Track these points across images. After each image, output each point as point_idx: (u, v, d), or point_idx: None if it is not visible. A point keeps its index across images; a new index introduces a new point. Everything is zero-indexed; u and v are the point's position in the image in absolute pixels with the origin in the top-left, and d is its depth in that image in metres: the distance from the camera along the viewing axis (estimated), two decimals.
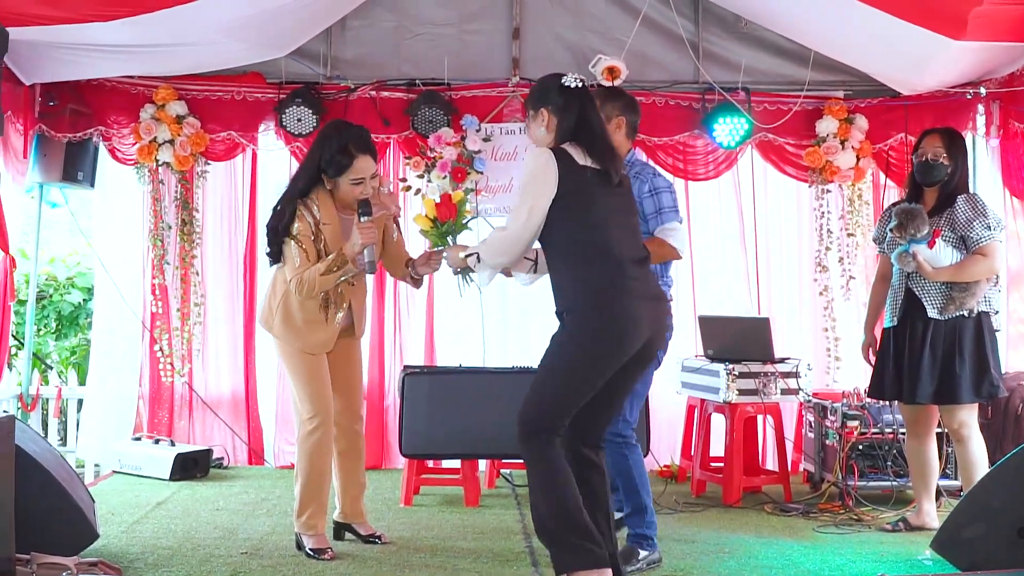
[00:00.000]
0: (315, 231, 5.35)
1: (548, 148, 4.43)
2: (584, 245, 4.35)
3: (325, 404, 5.48)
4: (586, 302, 4.33)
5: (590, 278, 4.33)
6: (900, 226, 5.74)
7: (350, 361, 5.71)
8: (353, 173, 5.33)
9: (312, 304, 5.42)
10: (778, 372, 6.98)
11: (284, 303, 5.46)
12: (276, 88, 7.94)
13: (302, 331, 5.46)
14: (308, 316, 5.44)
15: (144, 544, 5.66)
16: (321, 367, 5.50)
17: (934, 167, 5.91)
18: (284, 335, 5.49)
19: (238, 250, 8.20)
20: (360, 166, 5.34)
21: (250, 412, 8.13)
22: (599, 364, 4.32)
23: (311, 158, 5.46)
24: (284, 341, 5.50)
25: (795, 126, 8.06)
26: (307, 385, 5.46)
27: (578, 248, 4.35)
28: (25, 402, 7.97)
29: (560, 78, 4.56)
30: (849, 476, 6.68)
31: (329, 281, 5.31)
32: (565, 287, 4.38)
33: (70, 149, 7.71)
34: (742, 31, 8.13)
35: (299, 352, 5.47)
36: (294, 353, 5.48)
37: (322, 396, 5.47)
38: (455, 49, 8.05)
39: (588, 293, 4.33)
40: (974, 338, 5.82)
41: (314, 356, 5.48)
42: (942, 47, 6.79)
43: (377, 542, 5.72)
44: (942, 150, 5.90)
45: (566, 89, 4.55)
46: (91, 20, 6.32)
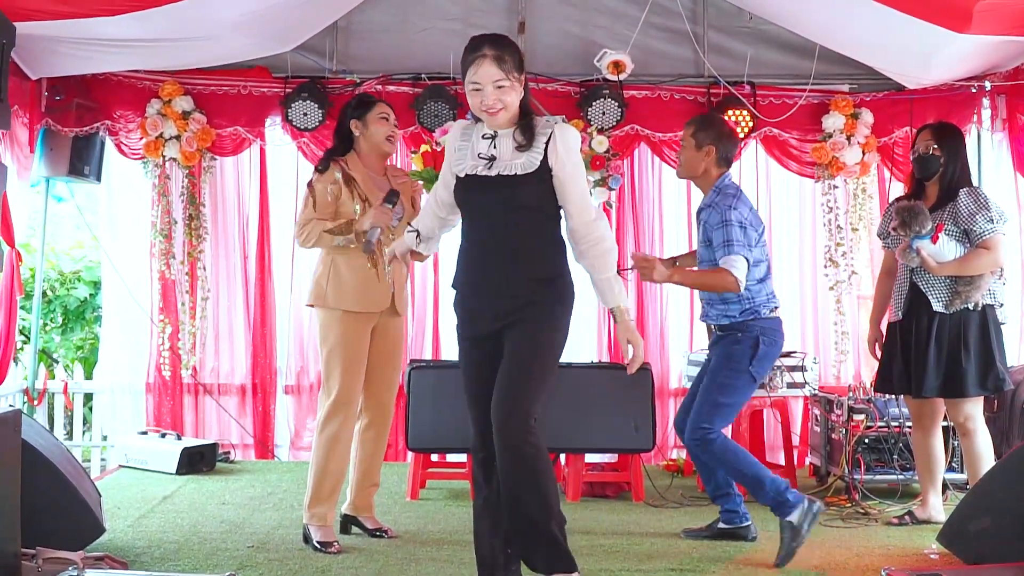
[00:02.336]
0: (338, 189, 5.58)
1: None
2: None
3: (354, 392, 5.53)
4: (566, 270, 4.26)
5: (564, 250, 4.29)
6: (903, 224, 5.75)
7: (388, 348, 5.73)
8: (378, 110, 5.72)
9: (361, 261, 5.48)
10: (784, 366, 6.98)
11: (333, 268, 5.55)
12: (282, 82, 7.93)
13: (355, 290, 5.51)
14: (359, 274, 5.51)
15: (151, 538, 5.68)
16: (361, 350, 5.55)
17: (927, 160, 5.98)
18: (335, 299, 5.52)
19: (248, 244, 8.21)
20: (383, 106, 5.78)
21: (257, 407, 8.14)
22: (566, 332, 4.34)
23: (339, 122, 5.85)
24: (334, 311, 5.51)
25: (800, 120, 8.05)
26: (341, 364, 5.49)
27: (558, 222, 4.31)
28: (31, 396, 7.99)
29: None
30: (855, 470, 6.68)
31: (326, 240, 5.51)
32: (550, 253, 4.19)
33: (76, 143, 7.72)
34: (747, 25, 8.12)
35: (344, 328, 5.49)
36: (340, 330, 5.50)
37: (353, 384, 5.52)
38: (461, 43, 7.84)
39: (565, 262, 4.28)
40: (979, 331, 5.83)
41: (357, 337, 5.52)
42: (947, 41, 6.77)
43: (384, 536, 5.74)
44: (932, 142, 5.97)
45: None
46: (97, 15, 6.31)
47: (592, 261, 4.16)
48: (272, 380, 8.20)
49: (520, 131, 4.13)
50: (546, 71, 7.98)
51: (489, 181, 4.13)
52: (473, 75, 4.07)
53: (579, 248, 4.17)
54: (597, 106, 7.76)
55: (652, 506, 6.70)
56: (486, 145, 4.18)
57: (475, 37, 4.23)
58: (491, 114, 4.09)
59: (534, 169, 4.08)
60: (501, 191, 4.10)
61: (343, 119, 5.77)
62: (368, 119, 5.66)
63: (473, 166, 4.17)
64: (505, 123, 4.15)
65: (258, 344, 8.17)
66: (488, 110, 4.09)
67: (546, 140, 4.10)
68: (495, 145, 4.16)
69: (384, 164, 5.80)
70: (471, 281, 4.23)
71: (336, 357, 5.50)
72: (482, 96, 4.07)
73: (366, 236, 5.28)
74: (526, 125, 4.14)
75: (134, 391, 8.13)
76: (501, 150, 4.15)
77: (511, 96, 4.08)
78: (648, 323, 8.09)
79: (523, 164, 4.09)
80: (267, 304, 8.15)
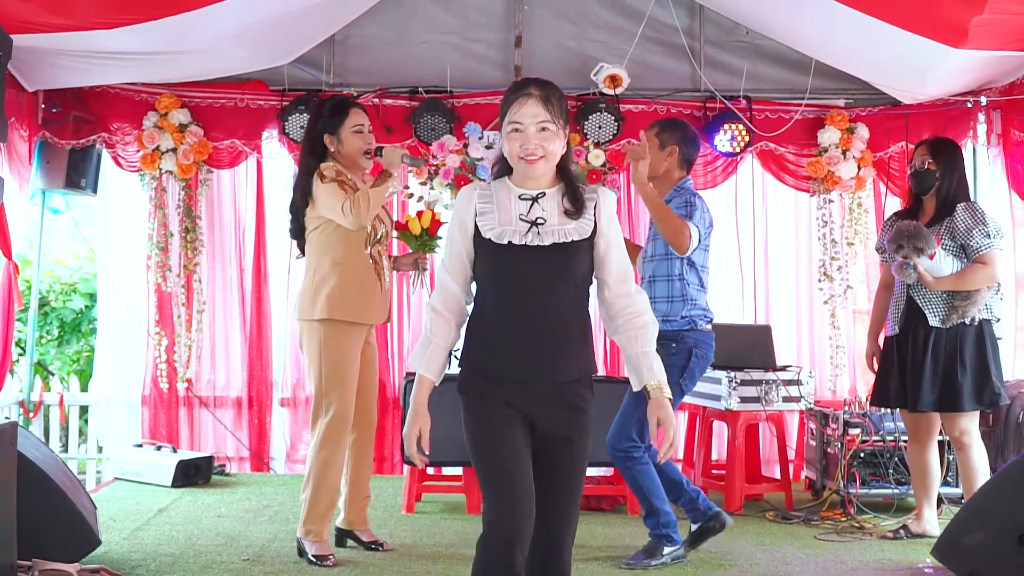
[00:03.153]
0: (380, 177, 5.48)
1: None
2: None
3: (352, 407, 5.52)
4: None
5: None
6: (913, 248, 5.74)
7: (367, 360, 5.71)
8: (351, 121, 5.55)
9: (369, 273, 5.48)
10: (780, 380, 6.99)
11: (345, 279, 5.46)
12: (279, 95, 7.94)
13: (364, 302, 5.50)
14: (369, 286, 5.50)
15: (146, 551, 5.67)
16: (356, 364, 5.53)
17: (923, 175, 6.01)
18: (348, 313, 5.46)
19: (244, 257, 8.21)
20: (355, 115, 5.58)
21: (252, 419, 8.14)
22: None
23: (308, 134, 5.66)
24: (339, 323, 5.46)
25: (796, 135, 8.07)
26: (341, 377, 5.47)
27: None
28: (27, 409, 7.98)
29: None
30: (850, 484, 6.68)
31: (380, 194, 5.38)
32: (589, 333, 3.69)
33: (73, 156, 7.72)
34: (743, 40, 8.14)
35: (346, 342, 5.47)
36: (341, 344, 5.47)
37: (352, 400, 5.51)
38: (458, 57, 8.06)
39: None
40: (975, 346, 5.85)
41: (354, 351, 5.50)
42: (943, 56, 6.80)
43: (379, 549, 5.73)
44: (929, 157, 6.01)
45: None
46: (94, 28, 6.32)
47: (630, 334, 3.59)
48: (268, 393, 8.19)
49: (569, 197, 3.57)
50: None
51: (541, 250, 3.51)
52: (515, 114, 3.49)
53: (615, 323, 3.63)
54: (593, 120, 7.78)
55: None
56: (526, 207, 3.56)
57: (522, 79, 3.86)
58: (530, 161, 3.49)
59: (587, 236, 3.55)
60: (554, 260, 3.52)
61: (313, 129, 5.63)
62: (342, 134, 5.54)
63: (515, 231, 3.52)
64: (544, 178, 3.58)
65: (254, 357, 8.16)
66: (528, 156, 3.49)
67: (594, 205, 3.58)
68: (542, 207, 3.57)
69: (362, 172, 5.68)
70: (501, 363, 3.53)
71: (336, 370, 5.47)
72: (523, 139, 3.48)
73: (405, 162, 5.46)
74: (574, 190, 3.59)
75: (130, 403, 8.12)
76: (548, 213, 3.56)
77: (555, 144, 3.52)
78: None
79: (577, 230, 3.54)
80: (263, 317, 8.15)
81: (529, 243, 3.50)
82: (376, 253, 5.55)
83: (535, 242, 3.50)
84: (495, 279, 3.57)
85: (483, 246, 3.55)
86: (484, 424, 3.62)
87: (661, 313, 5.55)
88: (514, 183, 3.61)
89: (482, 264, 3.57)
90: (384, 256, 5.62)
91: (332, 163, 5.50)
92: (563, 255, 3.53)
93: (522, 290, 3.52)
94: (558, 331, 3.52)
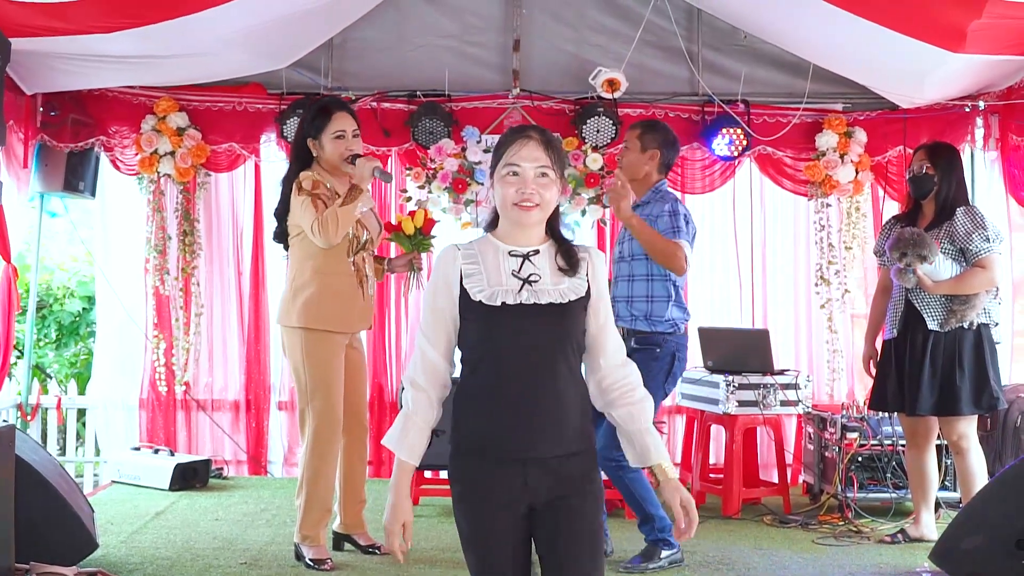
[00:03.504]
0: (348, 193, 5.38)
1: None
2: None
3: (339, 411, 5.51)
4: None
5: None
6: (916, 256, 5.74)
7: (355, 365, 5.71)
8: (332, 127, 5.48)
9: (351, 281, 5.46)
10: (778, 384, 6.99)
11: (326, 287, 5.45)
12: (277, 99, 7.95)
13: (346, 311, 5.48)
14: (350, 294, 5.48)
15: (143, 554, 5.67)
16: (340, 370, 5.52)
17: (921, 179, 6.02)
18: (328, 321, 5.45)
19: (243, 260, 8.21)
20: (338, 120, 5.49)
21: (250, 423, 8.14)
22: None
23: (295, 138, 5.67)
24: (321, 331, 5.45)
25: (794, 139, 8.07)
26: (326, 383, 5.46)
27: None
28: (25, 412, 7.97)
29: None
30: (848, 488, 6.68)
31: (348, 213, 5.29)
32: (587, 400, 3.34)
33: (71, 159, 7.71)
34: (741, 44, 8.15)
35: (327, 349, 5.46)
36: (323, 351, 5.46)
37: (339, 403, 5.50)
38: (456, 61, 8.06)
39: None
40: (974, 350, 5.85)
41: (336, 357, 5.49)
42: (941, 60, 6.81)
43: (376, 552, 5.73)
44: (927, 162, 6.01)
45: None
46: (93, 31, 6.33)
47: (629, 410, 3.27)
48: (266, 396, 8.18)
49: (563, 254, 3.26)
50: (541, 89, 8.01)
51: (535, 310, 3.18)
52: (513, 156, 3.20)
53: (609, 395, 3.29)
54: (591, 124, 7.78)
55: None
56: (517, 263, 3.24)
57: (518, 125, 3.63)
58: (525, 208, 3.19)
59: (582, 295, 3.24)
60: (550, 321, 3.20)
61: (300, 133, 5.62)
62: (323, 139, 5.51)
63: (507, 291, 3.19)
64: (534, 231, 3.28)
65: (252, 360, 8.16)
66: (523, 202, 3.18)
67: (586, 265, 3.28)
68: (534, 265, 3.24)
69: (348, 177, 5.58)
70: (496, 436, 3.16)
71: (320, 377, 5.46)
72: (520, 183, 3.18)
73: (375, 175, 5.36)
74: (568, 247, 3.28)
75: (127, 406, 8.12)
76: (541, 271, 3.24)
77: (551, 193, 3.23)
78: None
79: (573, 289, 3.23)
80: (261, 320, 8.14)
81: (524, 302, 3.17)
82: (359, 260, 5.53)
83: (531, 300, 3.17)
84: (485, 344, 3.21)
85: (472, 310, 3.19)
86: (477, 528, 3.24)
87: (642, 312, 5.60)
88: (501, 239, 3.28)
89: (470, 329, 3.22)
90: (368, 263, 5.59)
91: (311, 172, 5.47)
92: (560, 316, 3.21)
93: (516, 355, 3.18)
94: (557, 399, 3.16)
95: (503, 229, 3.29)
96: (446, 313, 3.24)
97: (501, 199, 3.23)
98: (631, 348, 5.56)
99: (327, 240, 5.30)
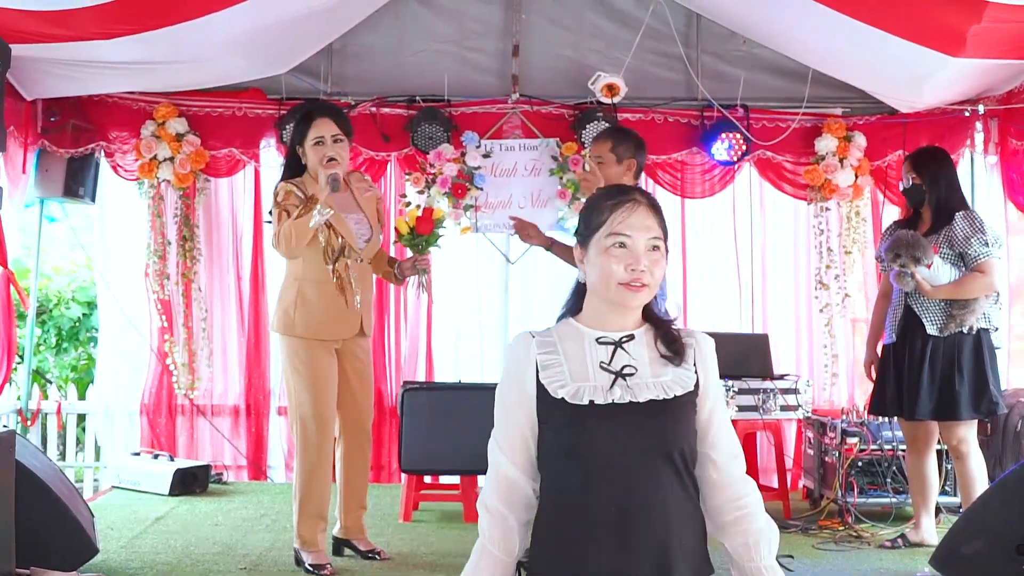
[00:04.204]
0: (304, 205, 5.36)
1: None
2: None
3: (325, 415, 5.49)
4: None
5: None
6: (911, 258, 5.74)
7: (357, 373, 5.70)
8: (312, 133, 5.46)
9: (329, 288, 5.44)
10: (778, 388, 6.99)
11: (300, 294, 5.47)
12: (277, 104, 7.94)
13: (322, 318, 5.46)
14: (327, 302, 5.45)
15: (143, 559, 5.67)
16: (330, 374, 5.51)
17: (910, 192, 6.10)
18: (303, 328, 5.46)
19: (242, 265, 8.21)
20: (317, 126, 5.46)
21: (250, 428, 8.13)
22: None
23: (289, 144, 5.70)
24: (300, 338, 5.46)
25: (793, 143, 8.07)
26: (311, 388, 5.45)
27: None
28: (25, 417, 7.97)
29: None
30: (848, 492, 6.68)
31: (303, 224, 5.27)
32: (702, 528, 2.76)
33: (71, 164, 7.71)
34: (740, 49, 8.15)
35: (311, 355, 5.45)
36: (306, 356, 5.46)
37: (323, 408, 5.48)
38: (455, 66, 8.06)
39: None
40: (973, 355, 5.84)
41: (325, 362, 5.48)
42: (940, 64, 6.81)
43: (376, 558, 5.72)
44: (912, 173, 6.04)
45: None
46: (93, 38, 6.33)
47: (746, 540, 2.70)
48: (265, 401, 8.18)
49: (664, 340, 2.70)
50: (540, 94, 8.01)
51: (631, 410, 2.59)
52: (621, 224, 2.64)
53: (721, 518, 2.71)
54: (591, 129, 7.76)
55: None
56: (607, 353, 2.66)
57: (616, 185, 2.93)
58: (634, 289, 2.63)
59: (691, 390, 2.66)
60: (652, 423, 2.60)
61: (290, 142, 5.65)
62: (305, 146, 5.50)
63: (595, 387, 2.61)
64: (632, 315, 2.72)
65: (251, 365, 8.16)
66: (633, 282, 2.62)
67: (692, 352, 2.72)
68: (629, 354, 2.67)
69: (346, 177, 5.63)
70: (590, 565, 2.55)
71: (304, 383, 5.47)
72: (630, 259, 2.62)
73: (329, 187, 5.29)
74: (668, 330, 2.72)
75: (127, 412, 8.12)
76: (638, 361, 2.66)
77: (660, 270, 2.67)
78: None
79: (678, 382, 2.65)
80: (260, 325, 8.13)
81: (617, 401, 2.58)
82: (341, 268, 5.49)
83: (625, 399, 2.59)
84: (572, 454, 2.60)
85: (552, 410, 2.62)
86: None
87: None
88: (586, 323, 2.72)
89: (552, 435, 2.63)
90: (353, 270, 5.53)
91: (286, 184, 5.47)
92: (664, 415, 2.61)
93: (611, 467, 2.56)
94: (664, 520, 2.56)
95: (591, 311, 2.73)
96: (521, 415, 2.66)
97: (602, 276, 2.64)
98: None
99: (287, 252, 5.38)
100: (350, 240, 5.50)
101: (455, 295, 8.12)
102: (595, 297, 2.70)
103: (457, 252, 7.97)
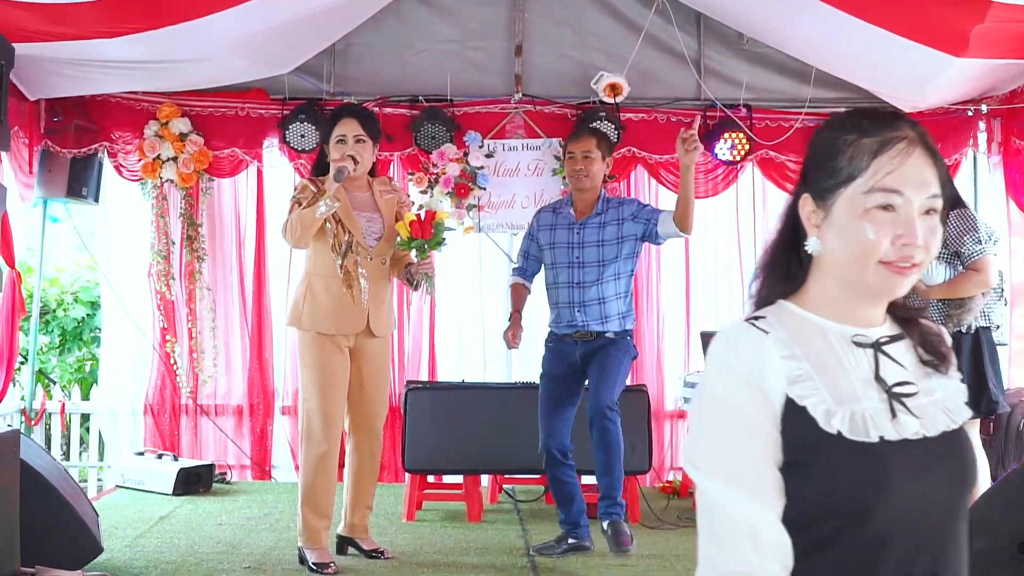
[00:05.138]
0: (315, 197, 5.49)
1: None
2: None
3: (332, 412, 5.50)
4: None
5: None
6: None
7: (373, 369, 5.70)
8: (335, 132, 5.59)
9: (336, 283, 5.48)
10: None
11: (309, 287, 5.55)
12: (280, 104, 7.95)
13: (329, 312, 5.50)
14: (333, 296, 5.50)
15: (147, 558, 5.68)
16: (339, 372, 5.53)
17: None
18: (310, 321, 5.51)
19: (246, 265, 8.21)
20: (341, 125, 5.59)
21: (254, 427, 8.14)
22: None
23: (319, 141, 5.92)
24: (310, 332, 5.52)
25: (797, 143, 8.05)
26: (318, 384, 5.48)
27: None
28: (29, 417, 7.99)
29: None
30: None
31: (309, 214, 5.39)
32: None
33: (75, 165, 7.71)
34: (744, 48, 8.15)
35: (320, 351, 5.49)
36: (316, 352, 5.49)
37: (330, 405, 5.49)
38: (458, 66, 8.07)
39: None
40: (971, 355, 5.83)
41: (335, 359, 5.50)
42: (944, 65, 6.81)
43: (380, 557, 5.73)
44: None
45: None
46: (96, 37, 6.34)
47: None
48: (269, 401, 8.19)
49: (923, 340, 1.98)
50: (543, 94, 8.03)
51: (925, 448, 1.82)
52: (889, 175, 1.87)
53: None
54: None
55: (648, 527, 6.68)
56: (867, 360, 1.88)
57: (862, 109, 2.00)
58: (902, 271, 1.89)
59: (968, 413, 1.95)
60: (948, 468, 1.84)
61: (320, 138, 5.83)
62: (330, 145, 5.63)
63: (875, 413, 1.82)
64: (885, 303, 1.96)
65: (255, 365, 8.16)
66: (900, 261, 1.88)
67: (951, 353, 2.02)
68: (893, 360, 1.90)
69: (366, 180, 5.73)
70: None
71: (312, 378, 5.50)
72: (900, 226, 1.88)
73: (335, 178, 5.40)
74: (926, 327, 2.01)
75: (131, 411, 8.13)
76: (910, 374, 1.91)
77: (937, 243, 1.98)
78: (644, 344, 8.07)
79: (955, 400, 1.92)
80: (264, 325, 8.15)
81: (912, 437, 1.80)
82: (350, 264, 5.52)
83: (920, 432, 1.82)
84: (857, 520, 1.75)
85: (816, 447, 1.78)
86: None
87: (618, 311, 5.81)
88: (821, 312, 1.92)
89: (813, 487, 1.77)
90: (363, 266, 5.55)
91: (305, 179, 5.69)
92: (961, 455, 1.87)
93: (909, 530, 1.77)
94: None
95: (824, 295, 1.93)
96: (770, 442, 1.79)
97: (858, 250, 1.86)
98: (606, 341, 5.65)
99: (292, 242, 5.54)
100: (357, 235, 5.53)
101: (458, 295, 8.12)
102: (833, 277, 1.91)
103: (460, 252, 7.97)
